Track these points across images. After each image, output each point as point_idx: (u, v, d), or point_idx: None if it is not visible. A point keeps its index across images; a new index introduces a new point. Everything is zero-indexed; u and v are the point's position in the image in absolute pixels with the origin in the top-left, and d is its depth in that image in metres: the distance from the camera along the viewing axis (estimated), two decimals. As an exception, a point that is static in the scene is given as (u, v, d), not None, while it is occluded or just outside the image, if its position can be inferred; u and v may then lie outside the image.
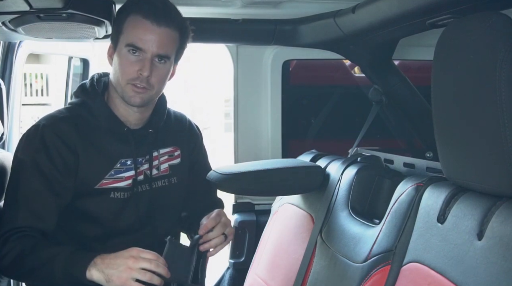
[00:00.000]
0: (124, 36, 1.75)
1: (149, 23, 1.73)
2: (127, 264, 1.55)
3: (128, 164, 1.81)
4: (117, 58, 1.78)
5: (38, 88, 5.33)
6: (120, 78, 1.77)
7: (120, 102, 1.81)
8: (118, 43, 1.77)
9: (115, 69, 1.79)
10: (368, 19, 1.86)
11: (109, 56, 1.82)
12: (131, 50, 1.74)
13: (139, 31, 1.74)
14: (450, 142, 1.25)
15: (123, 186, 1.80)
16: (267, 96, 2.64)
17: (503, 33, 1.11)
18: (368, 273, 1.51)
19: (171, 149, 1.94)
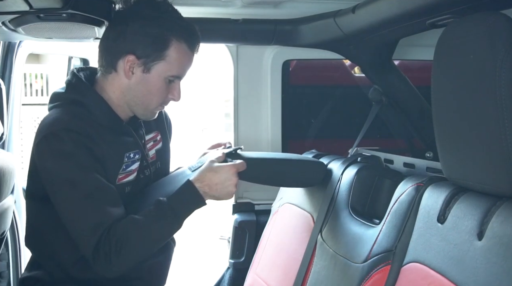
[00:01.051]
0: (167, 65, 1.71)
1: (191, 54, 1.75)
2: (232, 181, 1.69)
3: (132, 156, 1.79)
4: (147, 81, 1.72)
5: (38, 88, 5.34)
6: (149, 102, 1.75)
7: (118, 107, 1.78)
8: (153, 66, 1.70)
9: (141, 91, 1.73)
10: (368, 19, 1.86)
11: (129, 70, 1.71)
12: (171, 80, 1.74)
13: (185, 63, 1.75)
14: (450, 142, 1.25)
15: (132, 179, 1.79)
16: (267, 96, 2.64)
17: (503, 33, 1.11)
18: (368, 273, 1.51)
19: (154, 134, 1.93)
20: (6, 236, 2.51)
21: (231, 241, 2.62)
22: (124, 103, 1.77)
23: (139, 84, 1.73)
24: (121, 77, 1.74)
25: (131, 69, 1.72)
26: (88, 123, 1.70)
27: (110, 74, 1.76)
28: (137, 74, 1.72)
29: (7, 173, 2.21)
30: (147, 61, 1.70)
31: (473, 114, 1.17)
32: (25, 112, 5.06)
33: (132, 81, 1.73)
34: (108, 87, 1.77)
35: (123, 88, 1.75)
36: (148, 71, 1.71)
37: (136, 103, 1.77)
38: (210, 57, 1.90)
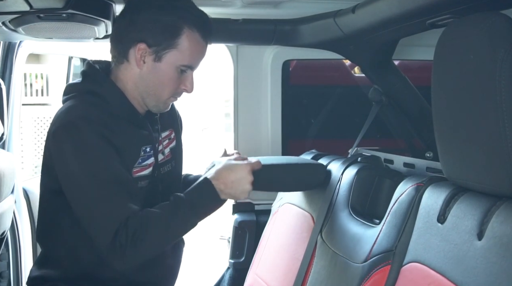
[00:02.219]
0: (179, 54, 1.68)
1: (205, 44, 1.72)
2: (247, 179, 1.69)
3: (148, 151, 1.76)
4: (159, 70, 1.69)
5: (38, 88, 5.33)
6: (161, 93, 1.73)
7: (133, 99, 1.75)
8: (165, 55, 1.68)
9: (152, 80, 1.71)
10: (368, 19, 1.86)
11: (140, 59, 1.68)
12: (182, 69, 1.71)
13: (198, 53, 1.72)
14: (450, 142, 1.25)
15: (146, 174, 1.76)
16: (267, 96, 2.64)
17: (503, 33, 1.11)
18: (368, 273, 1.51)
19: (168, 132, 1.91)
20: (6, 236, 2.51)
21: (231, 241, 2.62)
22: (137, 95, 1.74)
23: (151, 74, 1.70)
24: (132, 66, 1.71)
25: (143, 58, 1.68)
26: (105, 113, 1.67)
27: (122, 64, 1.73)
28: (148, 63, 1.69)
29: (7, 173, 2.21)
30: (158, 50, 1.67)
31: (473, 115, 1.17)
32: (25, 112, 5.06)
33: (144, 70, 1.70)
34: (122, 78, 1.74)
35: (135, 79, 1.72)
36: (159, 60, 1.68)
37: (148, 94, 1.73)
38: (210, 57, 1.89)
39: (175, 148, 1.93)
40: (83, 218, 1.65)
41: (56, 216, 1.76)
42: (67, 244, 1.76)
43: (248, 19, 2.28)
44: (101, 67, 1.78)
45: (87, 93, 1.72)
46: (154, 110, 1.79)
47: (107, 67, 1.79)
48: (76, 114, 1.65)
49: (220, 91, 11.71)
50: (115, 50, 1.74)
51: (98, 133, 1.62)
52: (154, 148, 1.79)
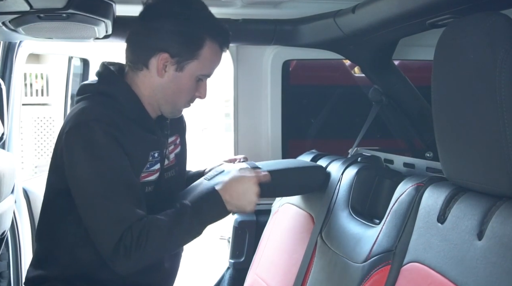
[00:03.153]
0: (199, 64, 1.71)
1: (221, 53, 1.76)
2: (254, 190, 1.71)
3: (156, 156, 1.77)
4: (180, 79, 1.71)
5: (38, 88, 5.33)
6: (178, 101, 1.76)
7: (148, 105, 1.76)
8: (187, 65, 1.70)
9: (172, 89, 1.73)
10: (368, 19, 1.86)
11: (162, 68, 1.70)
12: (200, 78, 1.74)
13: (216, 62, 1.76)
14: (450, 142, 1.25)
15: (153, 179, 1.77)
16: (267, 96, 2.64)
17: (503, 33, 1.11)
18: (368, 273, 1.51)
19: (174, 137, 1.91)
20: (6, 236, 2.51)
21: (231, 241, 2.62)
22: (154, 101, 1.76)
23: (171, 83, 1.72)
24: (152, 74, 1.72)
25: (164, 67, 1.70)
26: (118, 115, 1.67)
27: (141, 71, 1.73)
28: (169, 72, 1.71)
29: (7, 173, 2.21)
30: (180, 60, 1.69)
31: (473, 115, 1.17)
32: (25, 112, 5.06)
33: (164, 79, 1.72)
34: (138, 84, 1.75)
35: (154, 86, 1.73)
36: (181, 70, 1.71)
37: (166, 101, 1.76)
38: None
39: (179, 153, 1.93)
40: (89, 220, 1.64)
41: (59, 215, 1.75)
42: (67, 244, 1.75)
43: (248, 19, 2.28)
44: (116, 69, 1.79)
45: (101, 94, 1.73)
46: (169, 116, 1.82)
47: (121, 69, 1.80)
48: (89, 115, 1.65)
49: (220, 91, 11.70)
50: (134, 56, 1.74)
51: (110, 135, 1.62)
52: (162, 153, 1.80)
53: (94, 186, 1.62)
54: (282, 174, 1.91)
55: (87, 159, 1.62)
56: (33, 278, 1.81)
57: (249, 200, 1.71)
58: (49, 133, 5.33)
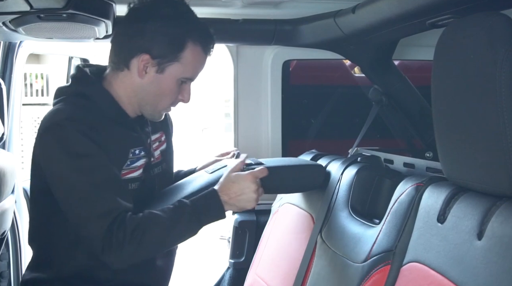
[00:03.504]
0: (181, 67, 1.70)
1: (205, 57, 1.75)
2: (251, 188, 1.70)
3: (137, 153, 1.77)
4: (160, 81, 1.71)
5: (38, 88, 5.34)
6: (159, 103, 1.76)
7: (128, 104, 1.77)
8: (167, 67, 1.70)
9: (153, 91, 1.73)
10: (368, 19, 1.86)
11: (142, 69, 1.70)
12: (183, 81, 1.74)
13: (199, 66, 1.75)
14: (450, 142, 1.26)
15: (136, 176, 1.77)
16: (267, 96, 2.64)
17: (503, 33, 1.11)
18: (368, 273, 1.51)
19: (159, 134, 1.92)
20: (6, 236, 2.50)
21: (231, 241, 2.62)
22: (134, 101, 1.76)
23: (152, 84, 1.73)
24: (133, 75, 1.72)
25: (145, 68, 1.71)
26: (92, 115, 1.68)
27: (121, 72, 1.74)
28: (150, 74, 1.71)
29: (8, 173, 2.21)
30: (161, 62, 1.70)
31: (473, 114, 1.17)
32: (25, 112, 5.06)
33: (145, 80, 1.72)
34: (118, 84, 1.76)
35: (134, 87, 1.74)
36: (161, 71, 1.71)
37: (146, 103, 1.76)
38: (210, 57, 1.91)
39: (165, 150, 1.94)
40: (74, 217, 1.65)
41: (47, 217, 1.76)
42: (59, 245, 1.76)
43: (248, 19, 2.29)
44: (92, 71, 1.80)
45: (76, 96, 1.74)
46: (149, 118, 1.83)
47: (98, 71, 1.81)
48: (61, 115, 1.67)
49: (220, 91, 11.70)
50: (116, 56, 1.75)
51: (83, 132, 1.63)
52: (146, 150, 1.80)
53: (74, 183, 1.63)
54: (282, 171, 1.91)
55: (62, 157, 1.64)
56: (29, 281, 1.81)
57: (247, 198, 1.71)
58: (49, 134, 5.32)
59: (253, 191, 1.71)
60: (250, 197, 1.71)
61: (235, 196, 1.70)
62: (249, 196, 1.71)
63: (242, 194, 1.70)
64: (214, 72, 10.35)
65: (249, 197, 1.71)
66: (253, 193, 1.71)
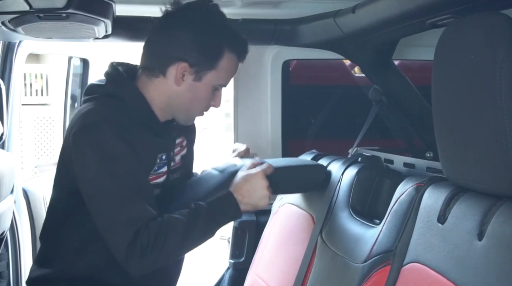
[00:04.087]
0: (217, 74, 1.72)
1: (238, 63, 1.77)
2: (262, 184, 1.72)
3: (163, 158, 1.78)
4: (197, 89, 1.73)
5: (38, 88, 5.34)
6: (195, 109, 1.78)
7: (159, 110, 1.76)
8: (205, 75, 1.71)
9: (189, 98, 1.74)
10: (368, 19, 1.85)
11: (180, 77, 1.70)
12: (217, 88, 1.76)
13: (233, 72, 1.78)
14: (450, 142, 1.25)
15: (160, 182, 1.78)
16: (267, 96, 2.64)
17: (503, 33, 1.11)
18: (368, 273, 1.51)
19: (180, 139, 1.91)
20: (6, 236, 2.50)
21: (231, 241, 2.62)
22: (167, 107, 1.76)
23: (188, 91, 1.73)
24: (169, 82, 1.72)
25: (182, 76, 1.71)
26: (125, 117, 1.67)
27: (156, 78, 1.73)
28: (187, 81, 1.72)
29: (7, 173, 2.21)
30: (199, 70, 1.71)
31: (473, 115, 1.17)
32: (25, 112, 5.06)
33: (181, 88, 1.72)
34: (152, 89, 1.74)
35: (170, 94, 1.73)
36: (199, 79, 1.72)
37: (180, 109, 1.77)
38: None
39: (185, 155, 1.93)
40: (101, 220, 1.64)
41: (66, 215, 1.75)
42: (72, 244, 1.75)
43: (248, 19, 2.28)
44: (124, 70, 1.78)
45: (108, 96, 1.72)
46: (183, 123, 1.84)
47: (130, 70, 1.80)
48: (97, 116, 1.65)
49: (220, 91, 11.67)
50: (151, 62, 1.74)
51: (119, 135, 1.63)
52: (169, 156, 1.80)
53: (106, 186, 1.61)
54: (283, 171, 1.91)
55: (97, 159, 1.62)
56: (36, 278, 1.81)
57: (260, 195, 1.73)
58: (48, 134, 5.33)
59: (265, 187, 1.74)
60: (263, 193, 1.73)
61: (248, 194, 1.72)
62: (262, 192, 1.73)
63: (255, 192, 1.72)
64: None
65: (262, 194, 1.73)
66: (265, 190, 1.74)
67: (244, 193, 1.72)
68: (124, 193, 1.61)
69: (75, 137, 1.65)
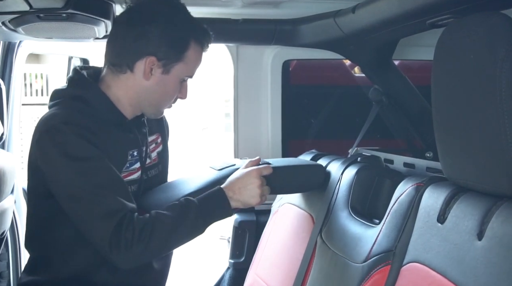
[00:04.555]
0: (184, 66, 1.74)
1: (202, 53, 1.79)
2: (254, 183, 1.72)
3: (135, 155, 1.78)
4: (166, 82, 1.74)
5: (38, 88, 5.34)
6: (163, 101, 1.79)
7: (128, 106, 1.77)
8: (172, 68, 1.72)
9: (158, 91, 1.75)
10: (368, 19, 1.86)
11: (149, 72, 1.71)
12: (184, 79, 1.78)
13: (199, 63, 1.80)
14: (450, 142, 1.25)
15: (135, 178, 1.78)
16: (267, 96, 2.64)
17: (503, 33, 1.11)
18: (368, 273, 1.51)
19: (155, 136, 1.92)
20: (6, 236, 2.51)
21: (231, 241, 2.62)
22: (136, 103, 1.77)
23: (157, 85, 1.74)
24: (137, 77, 1.73)
25: (151, 70, 1.72)
26: (89, 118, 1.68)
27: (123, 74, 1.74)
28: (156, 75, 1.73)
29: (7, 173, 2.21)
30: (167, 63, 1.72)
31: (473, 114, 1.17)
32: (25, 112, 5.06)
33: (150, 82, 1.73)
34: (117, 86, 1.75)
35: (139, 89, 1.74)
36: (167, 72, 1.73)
37: (150, 104, 1.78)
38: (210, 57, 1.92)
39: (161, 152, 1.94)
40: (79, 220, 1.64)
41: (46, 219, 1.75)
42: (57, 247, 1.75)
43: (248, 19, 2.29)
44: (89, 74, 1.79)
45: (72, 99, 1.73)
46: (151, 117, 1.85)
47: (95, 73, 1.80)
48: (58, 119, 1.66)
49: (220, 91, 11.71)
50: (117, 59, 1.74)
51: (81, 136, 1.63)
52: (141, 151, 1.80)
53: (78, 185, 1.62)
54: (282, 171, 1.90)
55: (64, 161, 1.63)
56: (25, 284, 1.80)
57: (252, 193, 1.72)
58: (49, 134, 5.32)
59: (257, 186, 1.73)
60: (254, 192, 1.72)
61: (239, 191, 1.72)
62: (253, 191, 1.72)
63: (246, 189, 1.72)
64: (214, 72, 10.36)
65: (252, 192, 1.72)
66: (257, 188, 1.73)
67: (236, 189, 1.71)
68: (96, 189, 1.61)
69: (39, 143, 1.67)
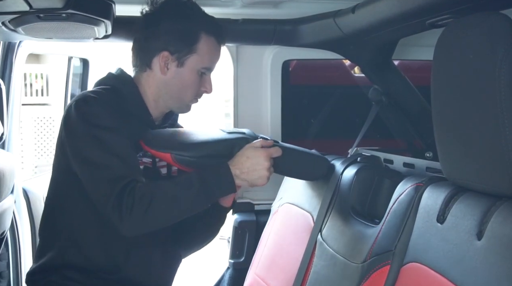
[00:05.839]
0: (199, 58, 1.80)
1: (219, 47, 1.86)
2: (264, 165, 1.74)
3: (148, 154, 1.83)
4: (182, 74, 1.81)
5: (38, 88, 5.34)
6: (185, 95, 1.84)
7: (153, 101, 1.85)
8: (186, 60, 1.80)
9: (176, 85, 1.82)
10: (368, 19, 1.86)
11: (164, 66, 1.80)
12: (202, 72, 1.82)
13: (215, 56, 1.85)
14: (450, 142, 1.25)
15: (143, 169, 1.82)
16: (267, 96, 2.64)
17: (502, 33, 1.11)
18: (368, 273, 1.51)
19: None
20: (6, 236, 2.51)
21: (231, 241, 2.63)
22: (159, 98, 1.84)
23: (174, 79, 1.82)
24: (155, 73, 1.82)
25: (166, 65, 1.80)
26: (117, 105, 1.77)
27: (144, 72, 1.84)
28: (171, 69, 1.81)
29: (7, 173, 2.21)
30: (180, 56, 1.80)
31: (473, 114, 1.17)
32: (25, 112, 5.06)
33: (167, 76, 1.81)
34: (143, 83, 1.85)
35: (158, 84, 1.83)
36: (182, 65, 1.80)
37: (171, 97, 1.84)
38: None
39: None
40: (89, 182, 1.70)
41: (64, 198, 1.80)
42: (71, 230, 1.79)
43: (248, 19, 2.29)
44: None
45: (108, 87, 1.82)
46: (178, 111, 1.93)
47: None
48: (88, 93, 1.77)
49: (220, 91, 11.69)
50: (137, 60, 1.86)
51: (106, 109, 1.72)
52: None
53: (92, 151, 1.69)
54: (289, 152, 1.88)
55: (84, 127, 1.71)
56: (32, 271, 1.85)
57: (259, 174, 1.75)
58: (49, 134, 5.34)
59: (266, 169, 1.75)
60: (262, 173, 1.75)
61: (247, 171, 1.73)
62: (262, 172, 1.75)
63: (254, 170, 1.74)
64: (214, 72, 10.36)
65: (261, 174, 1.75)
66: (266, 171, 1.75)
67: (243, 168, 1.73)
68: (108, 156, 1.68)
69: (66, 113, 1.76)
